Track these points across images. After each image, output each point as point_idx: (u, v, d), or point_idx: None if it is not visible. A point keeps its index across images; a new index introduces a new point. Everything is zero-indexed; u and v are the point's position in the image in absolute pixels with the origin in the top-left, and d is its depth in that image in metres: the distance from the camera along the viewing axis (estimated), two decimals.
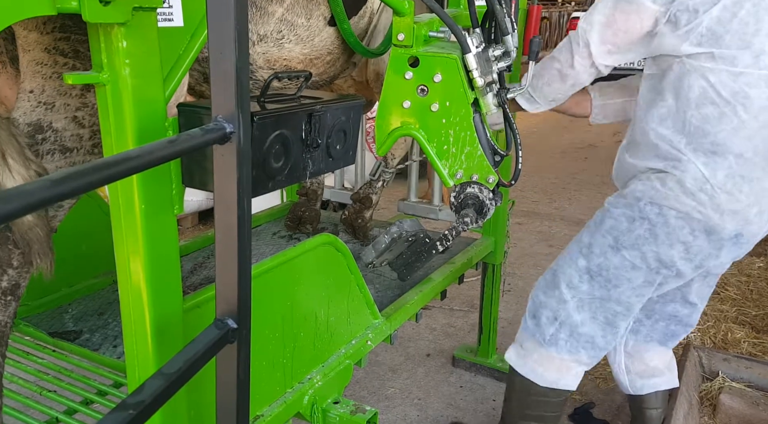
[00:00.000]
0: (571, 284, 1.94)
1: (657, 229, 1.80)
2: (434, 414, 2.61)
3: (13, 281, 1.26)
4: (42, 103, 1.19)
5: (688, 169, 1.74)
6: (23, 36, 1.14)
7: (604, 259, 1.88)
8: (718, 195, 1.72)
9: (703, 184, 1.73)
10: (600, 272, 1.89)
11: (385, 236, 2.02)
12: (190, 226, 4.53)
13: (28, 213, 0.57)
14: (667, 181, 1.77)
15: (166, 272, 1.15)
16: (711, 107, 1.68)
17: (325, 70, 1.94)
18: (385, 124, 1.72)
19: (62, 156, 1.25)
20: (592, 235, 1.92)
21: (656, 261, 1.82)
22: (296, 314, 1.57)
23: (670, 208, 1.77)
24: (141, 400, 0.85)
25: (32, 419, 1.60)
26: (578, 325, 1.95)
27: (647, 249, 1.82)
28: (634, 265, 1.84)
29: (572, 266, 1.95)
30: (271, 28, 1.66)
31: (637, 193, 1.83)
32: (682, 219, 1.76)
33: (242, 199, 0.96)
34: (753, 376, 2.59)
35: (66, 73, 1.12)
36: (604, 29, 1.73)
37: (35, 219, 1.22)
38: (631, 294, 1.89)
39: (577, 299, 1.94)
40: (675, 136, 1.75)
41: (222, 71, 0.90)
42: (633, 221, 1.83)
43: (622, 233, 1.85)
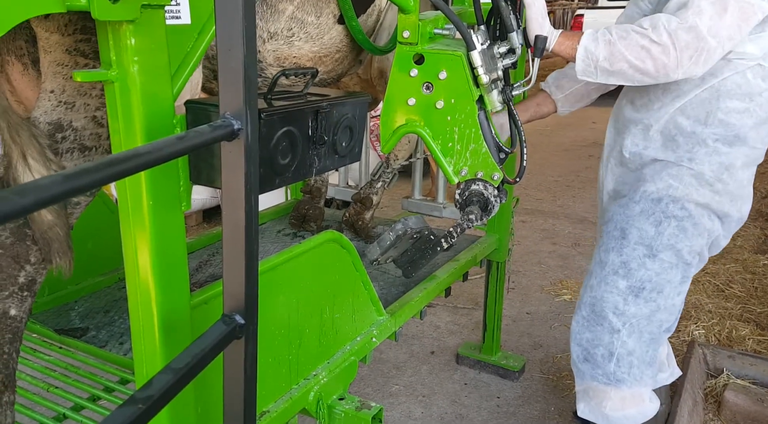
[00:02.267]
0: (618, 310, 1.89)
1: (684, 223, 1.82)
2: (438, 411, 2.61)
3: (30, 277, 1.27)
4: (62, 103, 1.21)
5: (705, 161, 1.78)
6: (45, 37, 1.15)
7: (644, 270, 1.86)
8: (733, 182, 1.80)
9: (721, 174, 1.79)
10: (643, 285, 1.87)
11: (389, 234, 2.02)
12: (194, 224, 4.54)
13: (42, 207, 0.57)
14: (682, 176, 1.81)
15: (173, 268, 1.16)
16: (737, 102, 1.72)
17: (334, 68, 1.94)
18: (390, 122, 1.73)
19: (81, 155, 1.26)
20: (621, 252, 1.89)
21: (689, 254, 1.85)
22: (302, 311, 1.58)
23: (690, 201, 1.81)
24: (149, 395, 0.86)
25: (40, 416, 1.61)
26: (633, 351, 1.91)
27: (682, 245, 1.83)
28: (672, 264, 1.85)
29: (613, 292, 1.90)
30: (281, 26, 1.67)
31: (654, 196, 1.84)
32: (702, 207, 1.82)
33: (249, 196, 0.96)
34: (758, 373, 2.59)
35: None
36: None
37: (55, 218, 1.24)
38: (674, 294, 1.89)
39: (629, 324, 1.89)
40: (696, 127, 1.78)
41: (230, 68, 0.90)
42: (659, 223, 1.83)
43: (653, 239, 1.84)
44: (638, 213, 1.87)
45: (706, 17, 1.54)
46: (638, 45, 1.58)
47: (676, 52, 1.56)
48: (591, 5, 11.01)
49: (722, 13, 1.55)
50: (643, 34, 1.58)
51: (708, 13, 1.54)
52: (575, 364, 2.01)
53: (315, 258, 1.61)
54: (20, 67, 1.26)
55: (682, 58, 1.56)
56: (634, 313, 1.88)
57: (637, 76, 1.64)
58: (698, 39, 1.55)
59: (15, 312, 1.28)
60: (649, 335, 1.91)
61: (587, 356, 1.96)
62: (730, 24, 1.56)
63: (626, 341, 1.90)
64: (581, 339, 1.98)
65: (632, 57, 1.59)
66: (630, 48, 1.59)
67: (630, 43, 1.59)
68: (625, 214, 1.90)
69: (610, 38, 1.62)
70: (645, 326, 1.90)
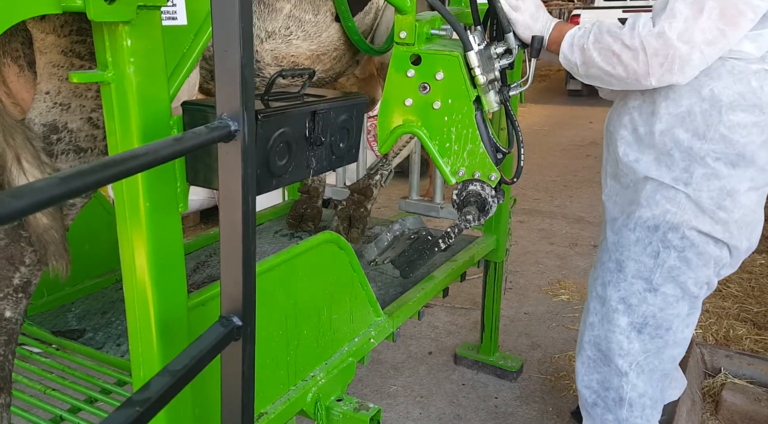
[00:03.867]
0: (622, 350, 1.76)
1: (687, 253, 1.65)
2: (437, 412, 2.61)
3: (25, 279, 1.27)
4: (58, 105, 1.20)
5: (703, 186, 1.58)
6: (40, 39, 1.15)
7: (645, 306, 1.71)
8: (738, 210, 1.59)
9: (722, 201, 1.59)
10: (646, 321, 1.73)
11: (387, 234, 2.03)
12: (191, 225, 4.54)
13: (39, 210, 0.57)
14: (679, 200, 1.62)
15: (170, 269, 1.15)
16: (743, 114, 1.52)
17: (332, 67, 1.94)
18: (387, 122, 1.73)
19: (77, 156, 1.26)
20: (618, 287, 1.75)
21: (695, 285, 1.69)
22: (299, 312, 1.58)
23: (691, 228, 1.62)
24: (147, 397, 0.86)
25: (37, 418, 1.61)
26: (645, 392, 1.79)
27: (685, 278, 1.67)
28: (677, 297, 1.70)
29: (615, 330, 1.76)
30: (279, 25, 1.66)
31: (650, 223, 1.67)
32: (706, 235, 1.63)
33: (247, 197, 0.96)
34: (755, 372, 2.59)
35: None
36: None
37: (51, 221, 1.23)
38: (683, 327, 1.75)
39: (635, 364, 1.76)
40: (694, 142, 1.57)
41: (227, 69, 0.90)
42: (657, 255, 1.67)
43: (651, 272, 1.69)
44: (634, 242, 1.70)
45: (679, 21, 1.41)
46: (610, 50, 1.50)
47: (646, 58, 1.45)
48: (587, 5, 11.02)
49: (697, 15, 1.42)
50: (617, 37, 1.49)
51: (682, 16, 1.42)
52: (584, 408, 1.89)
53: (312, 259, 1.61)
54: (16, 69, 1.26)
55: (653, 65, 1.45)
56: (639, 350, 1.75)
57: (614, 82, 1.56)
58: (667, 46, 1.43)
59: (10, 314, 1.27)
60: (661, 372, 1.78)
61: (596, 401, 1.85)
62: (706, 27, 1.41)
63: (636, 383, 1.77)
64: (589, 381, 1.85)
65: (604, 63, 1.52)
66: (602, 53, 1.52)
67: (602, 48, 1.52)
68: (620, 243, 1.74)
69: (584, 43, 1.55)
70: (656, 364, 1.76)
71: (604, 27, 1.53)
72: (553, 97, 10.68)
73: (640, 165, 1.67)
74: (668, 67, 1.45)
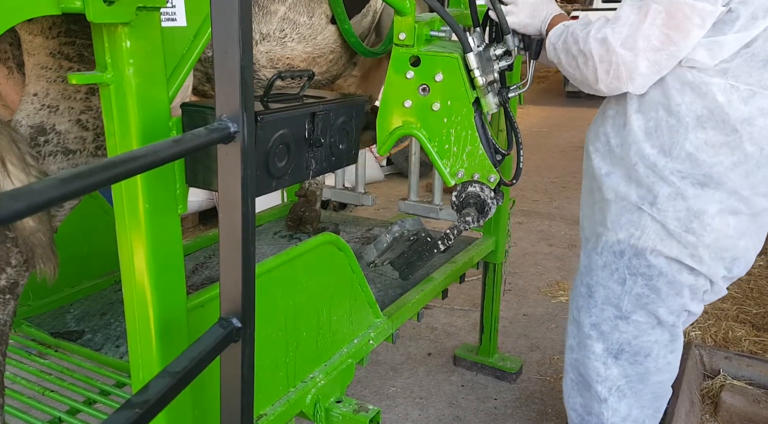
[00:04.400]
0: (600, 376, 1.69)
1: (655, 282, 1.56)
2: (436, 413, 2.61)
3: (12, 280, 1.26)
4: (46, 106, 1.20)
5: (668, 207, 1.48)
6: (28, 40, 1.15)
7: (618, 333, 1.64)
8: (708, 234, 1.48)
9: (689, 223, 1.47)
10: (622, 348, 1.65)
11: (386, 235, 2.02)
12: (190, 226, 4.53)
13: (37, 212, 0.57)
14: (644, 223, 1.52)
15: (170, 271, 1.15)
16: (712, 132, 1.42)
17: (328, 69, 1.94)
18: (387, 124, 1.73)
19: (65, 158, 1.25)
20: (590, 313, 1.68)
21: (669, 315, 1.59)
22: (299, 314, 1.58)
23: (658, 253, 1.52)
24: (146, 399, 0.86)
25: (35, 419, 1.60)
26: (627, 416, 1.71)
27: (655, 307, 1.58)
28: (652, 324, 1.61)
29: (590, 357, 1.70)
30: (273, 27, 1.66)
31: (615, 248, 1.58)
32: (676, 261, 1.52)
33: (246, 199, 0.96)
34: (754, 374, 2.59)
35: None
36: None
37: (37, 224, 1.22)
38: (666, 353, 1.65)
39: (615, 388, 1.69)
40: (660, 159, 1.47)
41: (226, 71, 0.90)
42: (624, 282, 1.58)
43: (619, 299, 1.61)
44: (601, 267, 1.62)
45: (624, 26, 1.35)
46: (570, 53, 1.47)
47: (594, 64, 1.41)
48: (586, 6, 11.03)
49: (642, 20, 1.35)
50: (576, 40, 1.44)
51: (627, 21, 1.35)
52: None
53: (312, 260, 1.61)
54: (5, 71, 1.25)
55: (600, 72, 1.40)
56: (619, 375, 1.68)
57: (579, 85, 1.53)
58: (610, 52, 1.37)
59: None
60: (651, 397, 1.71)
61: (581, 423, 1.81)
62: (650, 34, 1.33)
63: (618, 408, 1.70)
64: (574, 404, 1.82)
65: (566, 65, 1.51)
66: (565, 55, 1.50)
67: (565, 50, 1.49)
68: (590, 267, 1.66)
69: (556, 43, 1.53)
70: (641, 389, 1.68)
71: (578, 26, 1.47)
72: (551, 98, 10.68)
73: (611, 180, 1.58)
74: (615, 75, 1.40)
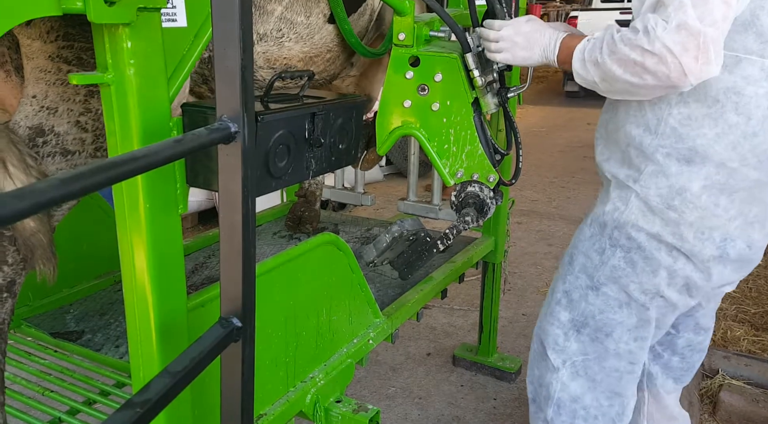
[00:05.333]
0: (557, 345, 1.66)
1: (632, 254, 1.52)
2: (435, 413, 2.61)
3: (9, 278, 1.26)
4: (44, 108, 1.20)
5: (651, 183, 1.47)
6: (27, 44, 1.15)
7: (585, 303, 1.61)
8: (690, 211, 1.44)
9: (671, 200, 1.45)
10: (586, 321, 1.61)
11: (386, 235, 2.02)
12: (190, 226, 4.53)
13: (39, 211, 0.57)
14: (629, 199, 1.51)
15: (170, 271, 1.15)
16: (695, 105, 1.39)
17: (325, 69, 1.93)
18: (386, 124, 1.73)
19: (63, 158, 1.26)
20: (565, 280, 1.65)
21: (640, 293, 1.55)
22: (298, 313, 1.58)
23: (640, 229, 1.50)
24: (147, 398, 0.86)
25: (35, 420, 1.60)
26: (578, 398, 1.65)
27: (627, 281, 1.54)
28: (619, 302, 1.58)
29: (554, 323, 1.66)
30: (270, 27, 1.66)
31: (601, 219, 1.58)
32: (656, 240, 1.49)
33: (247, 199, 0.97)
34: (752, 373, 2.60)
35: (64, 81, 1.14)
36: None
37: (37, 224, 1.23)
38: (629, 339, 1.60)
39: (570, 363, 1.64)
40: (646, 137, 1.46)
41: (227, 71, 0.90)
42: (603, 251, 1.57)
43: (595, 269, 1.58)
44: (588, 238, 1.61)
45: (690, 7, 1.25)
46: (630, 60, 1.31)
47: (675, 58, 1.26)
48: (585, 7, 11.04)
49: None
50: (633, 44, 1.30)
51: (689, 1, 1.26)
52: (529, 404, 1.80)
53: (311, 260, 1.61)
54: (2, 74, 1.26)
55: (687, 63, 1.26)
56: (576, 350, 1.63)
57: (643, 92, 1.37)
58: (694, 36, 1.25)
59: None
60: (607, 386, 1.64)
61: (535, 396, 1.75)
62: (717, 3, 1.26)
63: (567, 383, 1.65)
64: (532, 376, 1.76)
65: (628, 75, 1.33)
66: (623, 65, 1.32)
67: (621, 59, 1.32)
68: (578, 238, 1.65)
69: (597, 58, 1.37)
70: (596, 371, 1.63)
71: (616, 35, 1.34)
72: (550, 98, 10.70)
73: (609, 164, 1.58)
74: (705, 59, 1.26)
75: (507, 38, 1.53)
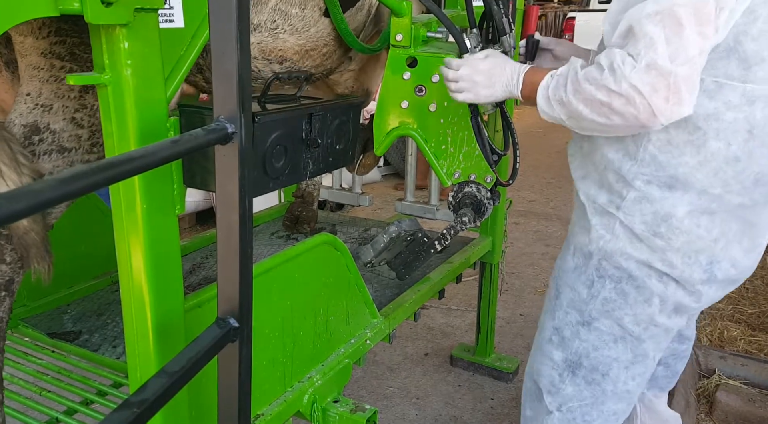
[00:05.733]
0: (553, 388, 1.58)
1: (623, 285, 1.46)
2: (433, 413, 2.61)
3: (7, 277, 1.26)
4: (39, 106, 1.20)
5: (635, 211, 1.40)
6: (19, 41, 1.15)
7: (578, 341, 1.53)
8: (677, 237, 1.38)
9: (657, 227, 1.39)
10: (580, 361, 1.53)
11: (383, 236, 2.03)
12: (187, 226, 4.53)
13: (36, 212, 0.57)
14: (613, 226, 1.44)
15: (167, 271, 1.15)
16: (675, 132, 1.33)
17: (322, 63, 1.91)
18: (384, 124, 1.74)
19: (60, 156, 1.26)
20: (554, 316, 1.57)
21: (634, 325, 1.48)
22: (296, 314, 1.58)
23: (629, 257, 1.43)
24: (144, 398, 0.86)
25: (32, 420, 1.60)
26: None
27: (621, 313, 1.47)
28: (614, 336, 1.50)
29: (547, 364, 1.58)
30: (264, 18, 1.63)
31: (585, 250, 1.50)
32: (646, 266, 1.43)
33: (243, 199, 0.97)
34: (749, 373, 2.61)
35: (65, 75, 1.13)
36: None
37: (30, 223, 1.22)
38: (627, 378, 1.53)
39: (566, 408, 1.57)
40: (625, 163, 1.39)
41: (224, 72, 0.90)
42: (591, 284, 1.49)
43: (585, 303, 1.51)
44: (573, 269, 1.53)
45: (662, 44, 1.19)
46: (596, 100, 1.25)
47: (644, 99, 1.20)
48: (582, 8, 11.05)
49: (678, 29, 1.19)
50: (599, 84, 1.24)
51: (661, 38, 1.19)
52: None
53: (309, 261, 1.62)
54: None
55: (657, 104, 1.20)
56: (572, 395, 1.55)
57: (613, 131, 1.32)
58: (663, 76, 1.18)
59: None
60: None
61: None
62: (692, 38, 1.18)
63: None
64: (525, 417, 1.69)
65: (595, 115, 1.27)
66: (589, 105, 1.27)
67: (587, 99, 1.26)
68: (562, 268, 1.57)
69: (562, 97, 1.31)
70: (594, 417, 1.55)
71: (581, 73, 1.29)
72: None
73: (585, 184, 1.51)
74: (676, 99, 1.20)
75: (466, 78, 1.48)
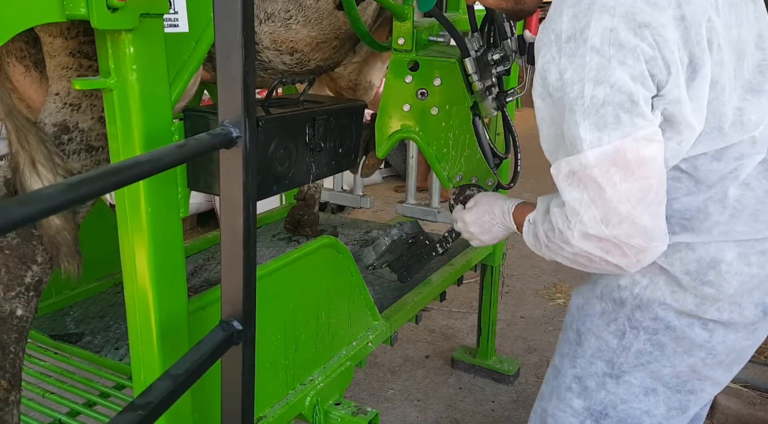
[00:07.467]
0: None
1: (660, 336, 1.26)
2: (434, 415, 2.62)
3: (37, 277, 1.27)
4: (68, 105, 1.22)
5: (673, 259, 1.21)
6: (48, 42, 1.16)
7: (605, 393, 1.33)
8: (729, 282, 1.19)
9: (704, 276, 1.20)
10: (606, 412, 1.33)
11: (385, 238, 2.03)
12: (188, 228, 4.54)
13: (46, 216, 0.58)
14: (653, 273, 1.25)
15: (171, 274, 1.16)
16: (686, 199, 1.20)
17: (331, 56, 1.89)
18: (385, 127, 1.74)
19: (88, 155, 1.27)
20: (574, 363, 1.37)
21: (674, 378, 1.28)
22: (298, 316, 1.59)
23: (668, 307, 1.24)
24: (149, 401, 0.87)
25: (35, 421, 1.61)
26: None
27: (657, 366, 1.28)
28: (647, 389, 1.30)
29: (567, 411, 1.38)
30: (279, 7, 1.62)
31: (616, 295, 1.29)
32: (688, 316, 1.24)
33: (248, 203, 0.97)
34: (749, 376, 2.61)
35: (86, 76, 1.14)
36: None
37: (63, 222, 1.24)
38: None
39: None
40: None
41: (229, 76, 0.91)
42: (623, 335, 1.29)
43: (615, 354, 1.31)
44: (599, 314, 1.33)
45: (587, 210, 1.09)
46: (567, 259, 1.20)
47: (603, 259, 1.13)
48: None
49: (599, 192, 1.07)
50: (560, 245, 1.18)
51: (585, 202, 1.09)
52: None
53: (311, 263, 1.62)
54: (22, 68, 1.27)
55: (617, 261, 1.12)
56: None
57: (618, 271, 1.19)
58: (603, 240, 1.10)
59: (21, 312, 1.27)
60: None
61: None
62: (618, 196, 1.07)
63: None
64: None
65: (572, 264, 1.21)
66: (564, 260, 1.21)
67: (557, 253, 1.21)
68: (585, 310, 1.36)
69: (541, 248, 1.26)
70: None
71: (540, 231, 1.24)
72: None
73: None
74: (635, 250, 1.11)
75: (464, 230, 1.53)
